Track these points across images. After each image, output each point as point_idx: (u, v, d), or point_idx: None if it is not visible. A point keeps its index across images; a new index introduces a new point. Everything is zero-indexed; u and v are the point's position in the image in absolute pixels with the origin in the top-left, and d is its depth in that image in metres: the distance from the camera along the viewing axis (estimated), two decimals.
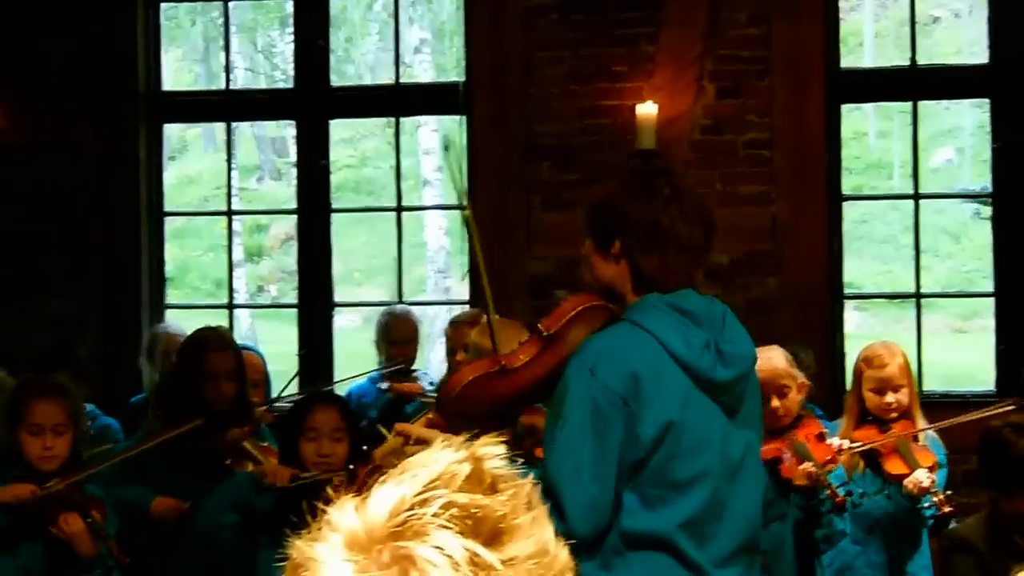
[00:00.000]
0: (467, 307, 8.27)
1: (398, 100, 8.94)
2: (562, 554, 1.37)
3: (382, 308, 8.10)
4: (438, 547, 1.26)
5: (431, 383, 7.64)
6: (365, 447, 4.40)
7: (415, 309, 8.16)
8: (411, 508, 1.29)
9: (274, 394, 7.12)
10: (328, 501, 1.37)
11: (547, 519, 1.38)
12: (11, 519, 5.10)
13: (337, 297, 9.07)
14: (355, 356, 7.68)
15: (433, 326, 18.57)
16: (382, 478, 1.35)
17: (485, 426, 4.22)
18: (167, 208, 8.99)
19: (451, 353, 6.96)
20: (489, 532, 1.30)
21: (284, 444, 5.60)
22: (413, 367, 7.76)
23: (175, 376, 6.41)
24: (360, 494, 1.38)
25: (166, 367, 7.54)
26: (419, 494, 1.30)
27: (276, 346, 8.70)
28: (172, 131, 24.24)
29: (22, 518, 5.11)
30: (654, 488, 3.50)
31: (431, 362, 14.59)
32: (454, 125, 13.95)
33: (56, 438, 5.23)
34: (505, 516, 1.31)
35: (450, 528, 1.28)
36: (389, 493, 1.31)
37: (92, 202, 8.49)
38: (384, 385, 7.45)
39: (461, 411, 3.67)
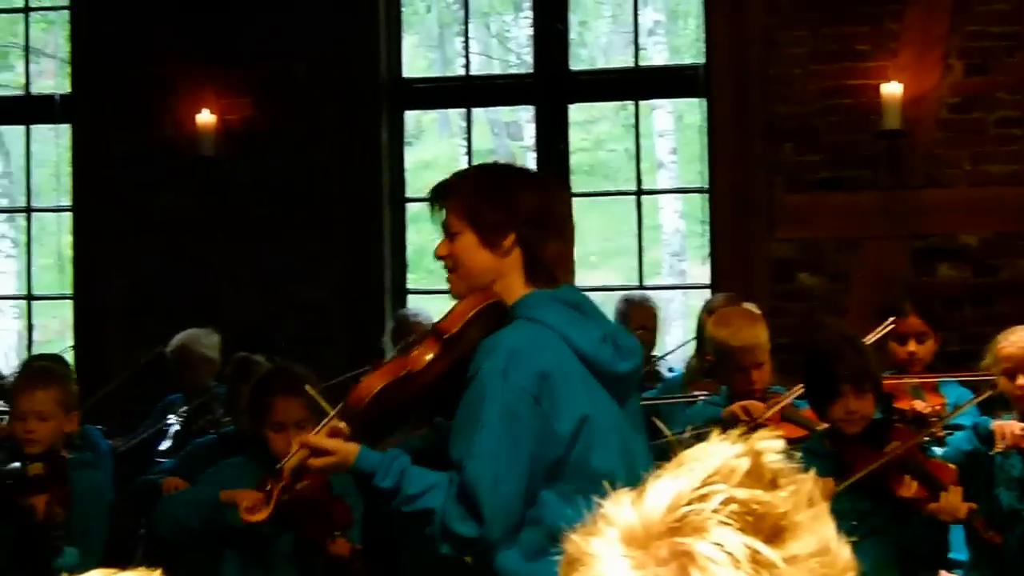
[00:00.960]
0: (707, 291, 8.17)
1: (636, 83, 8.88)
2: (843, 552, 1.32)
3: (619, 293, 8.04)
4: (718, 544, 1.23)
5: (670, 370, 7.58)
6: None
7: (652, 294, 8.10)
8: (689, 503, 1.26)
9: None
10: None
11: (828, 516, 1.33)
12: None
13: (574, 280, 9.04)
14: None
15: (668, 310, 18.47)
16: (658, 471, 1.32)
17: (385, 430, 4.22)
18: (408, 194, 9.08)
19: (702, 341, 6.85)
20: (770, 529, 1.26)
21: None
22: (652, 353, 7.69)
23: None
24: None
25: None
26: (697, 489, 1.27)
27: None
28: (410, 116, 24.54)
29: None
30: (572, 483, 3.51)
31: (668, 346, 14.48)
32: (689, 108, 13.86)
33: (300, 432, 5.28)
34: (786, 513, 1.27)
35: (730, 524, 1.24)
36: (667, 487, 1.28)
37: (335, 189, 8.63)
38: None
39: (368, 419, 3.70)
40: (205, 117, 8.64)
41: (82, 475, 5.35)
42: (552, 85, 8.68)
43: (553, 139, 8.78)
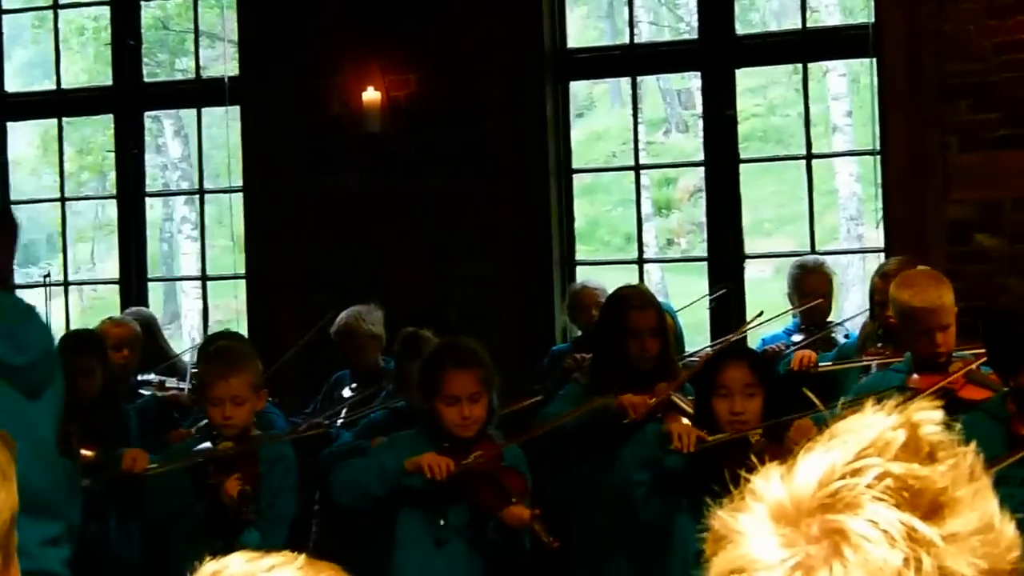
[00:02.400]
0: (882, 255, 7.99)
1: (805, 46, 8.70)
2: (1008, 530, 1.25)
3: (794, 259, 7.91)
4: (872, 521, 1.18)
5: (846, 336, 7.43)
6: None
7: (827, 259, 7.95)
8: (842, 477, 1.21)
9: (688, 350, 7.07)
10: (751, 467, 1.30)
11: (991, 492, 1.26)
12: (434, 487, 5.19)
13: (747, 248, 8.94)
14: (767, 307, 7.55)
15: (846, 275, 18.24)
16: (808, 444, 1.27)
17: None
18: (575, 165, 9.03)
19: (879, 306, 6.69)
20: (928, 505, 1.20)
21: (698, 403, 5.53)
22: (828, 320, 7.55)
23: (598, 334, 6.44)
24: (783, 455, 1.29)
25: (587, 323, 7.61)
26: (850, 463, 1.22)
27: (686, 300, 8.65)
28: (580, 88, 24.56)
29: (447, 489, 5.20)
30: None
31: (846, 312, 14.24)
32: (864, 69, 13.59)
33: (473, 406, 5.29)
34: (946, 488, 1.22)
35: (885, 500, 1.19)
36: (818, 461, 1.23)
37: (503, 162, 8.61)
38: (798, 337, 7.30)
39: None
40: (371, 95, 8.67)
41: (271, 452, 5.43)
42: (718, 50, 8.55)
43: (721, 105, 8.65)
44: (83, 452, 5.85)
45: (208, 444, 5.37)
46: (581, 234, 23.23)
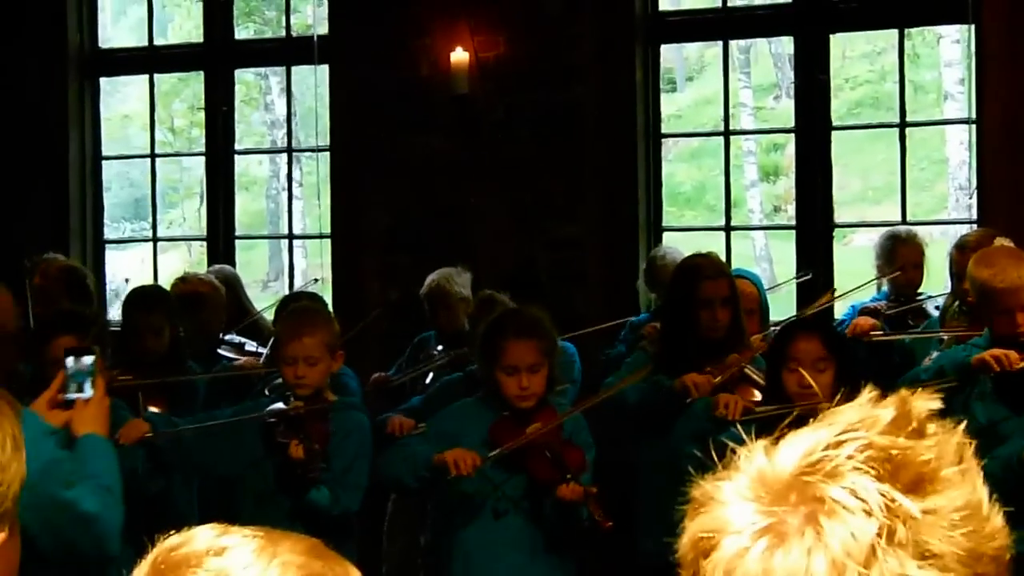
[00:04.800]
0: (973, 227, 7.81)
1: (900, 10, 8.48)
2: (995, 518, 1.23)
3: (884, 229, 7.74)
4: (851, 490, 1.17)
5: (936, 308, 7.27)
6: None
7: (930, 230, 7.77)
8: (826, 448, 1.20)
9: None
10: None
11: (980, 476, 1.24)
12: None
13: (848, 215, 8.78)
14: (861, 277, 7.42)
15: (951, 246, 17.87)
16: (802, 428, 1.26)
17: None
18: (685, 128, 8.89)
19: (957, 279, 6.54)
20: (911, 479, 1.18)
21: (769, 375, 5.44)
22: (919, 292, 7.40)
23: (669, 303, 6.37)
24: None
25: (663, 292, 7.51)
26: (836, 436, 1.21)
27: (790, 267, 8.54)
28: (693, 50, 24.33)
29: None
30: None
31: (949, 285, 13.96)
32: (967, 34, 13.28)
33: (532, 377, 5.24)
34: (929, 463, 1.20)
35: (867, 471, 1.18)
36: (804, 437, 1.23)
37: (590, 125, 8.52)
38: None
39: None
40: (459, 55, 8.62)
41: (346, 416, 5.42)
42: (813, 14, 8.38)
43: (814, 70, 8.48)
44: (150, 408, 5.89)
45: (280, 404, 5.38)
46: (688, 198, 23.13)
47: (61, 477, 3.67)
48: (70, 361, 4.05)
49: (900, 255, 7.31)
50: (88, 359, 4.05)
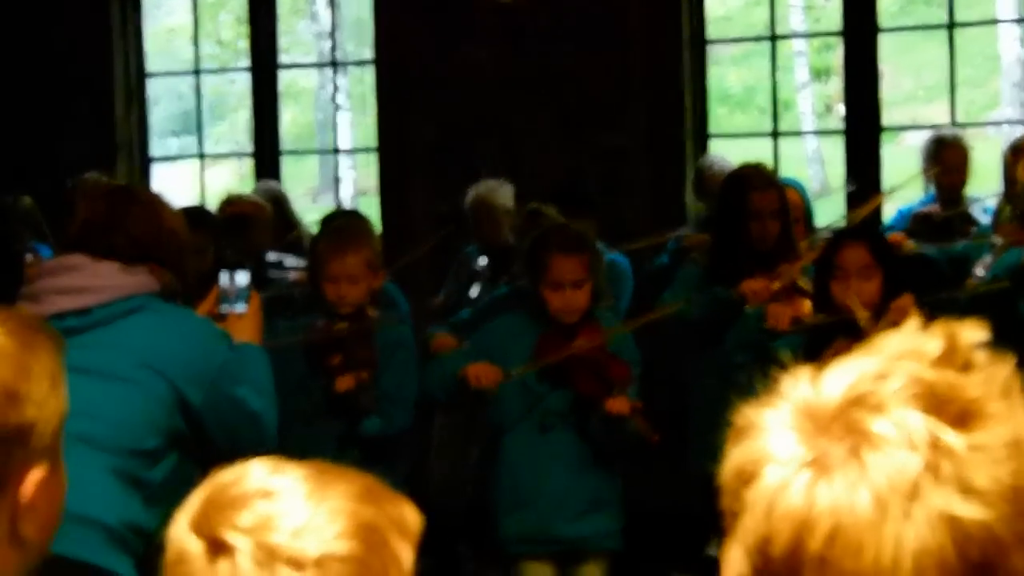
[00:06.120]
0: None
1: None
2: None
3: (931, 132, 7.65)
4: (896, 423, 1.15)
5: (984, 210, 7.20)
6: None
7: (983, 129, 7.67)
8: (871, 380, 1.19)
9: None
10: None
11: None
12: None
13: (900, 115, 8.69)
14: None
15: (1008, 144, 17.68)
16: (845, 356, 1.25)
17: None
18: (733, 33, 8.80)
19: (1010, 183, 6.47)
20: (957, 413, 1.17)
21: (816, 285, 5.42)
22: (963, 194, 7.32)
23: (718, 215, 6.33)
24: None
25: (712, 203, 7.47)
26: (882, 367, 1.20)
27: (840, 169, 8.47)
28: None
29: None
30: None
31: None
32: None
33: (576, 292, 5.23)
34: (977, 399, 1.18)
35: (911, 404, 1.16)
36: (849, 367, 1.22)
37: (634, 32, 8.44)
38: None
39: None
40: None
41: (391, 331, 5.43)
42: None
43: None
44: None
45: (324, 323, 5.38)
46: (739, 100, 22.93)
47: (233, 377, 3.96)
48: (224, 277, 4.24)
49: (943, 158, 7.24)
50: (242, 276, 4.24)
